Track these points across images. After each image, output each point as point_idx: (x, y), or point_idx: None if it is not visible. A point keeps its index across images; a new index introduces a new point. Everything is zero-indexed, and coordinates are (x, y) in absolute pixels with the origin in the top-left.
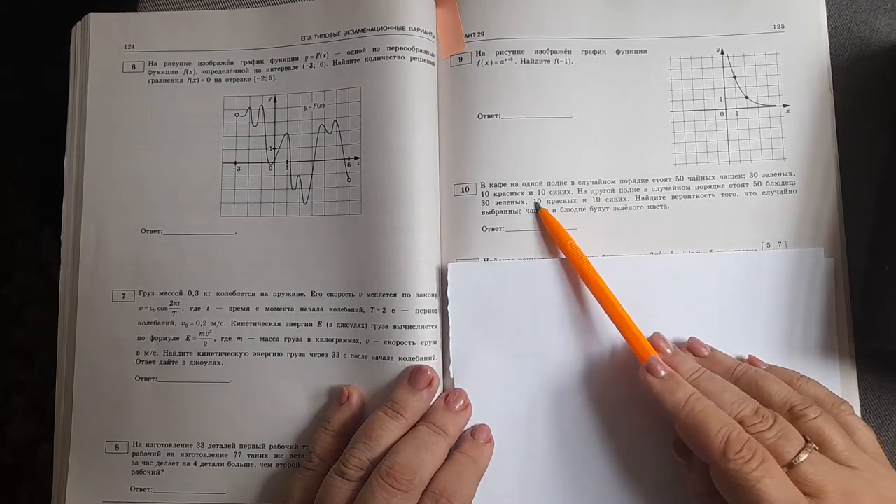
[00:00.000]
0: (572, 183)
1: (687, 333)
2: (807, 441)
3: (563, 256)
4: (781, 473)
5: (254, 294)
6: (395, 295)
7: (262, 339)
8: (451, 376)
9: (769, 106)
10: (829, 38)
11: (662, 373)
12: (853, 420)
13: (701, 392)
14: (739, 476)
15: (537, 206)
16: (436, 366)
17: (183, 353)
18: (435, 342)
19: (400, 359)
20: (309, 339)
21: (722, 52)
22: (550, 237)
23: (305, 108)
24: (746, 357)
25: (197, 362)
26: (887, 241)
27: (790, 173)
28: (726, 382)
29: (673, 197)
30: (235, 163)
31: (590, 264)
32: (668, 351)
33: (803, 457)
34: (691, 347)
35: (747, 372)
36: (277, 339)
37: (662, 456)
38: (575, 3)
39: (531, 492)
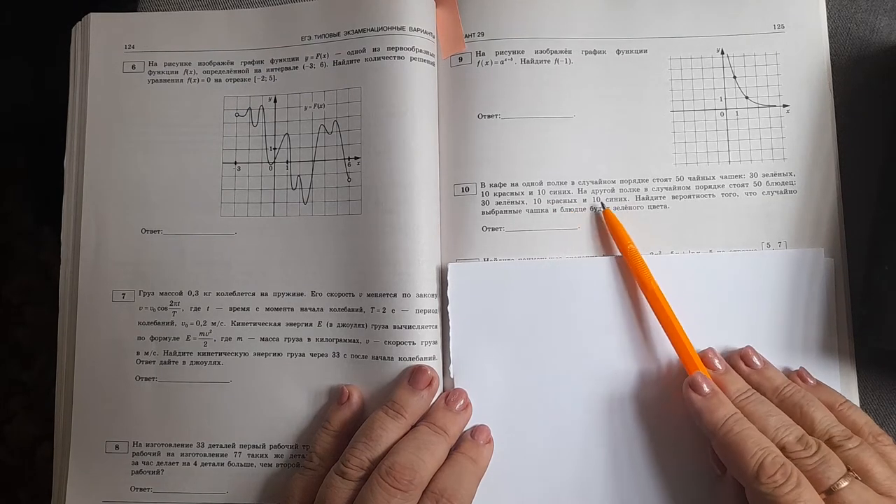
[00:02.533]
0: (572, 183)
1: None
2: (848, 470)
3: (563, 257)
4: (817, 498)
5: (254, 294)
6: (395, 295)
7: (262, 340)
8: (451, 376)
9: (769, 106)
10: (829, 38)
11: (706, 389)
12: (892, 451)
13: (746, 414)
14: (772, 499)
15: (602, 206)
16: (436, 366)
17: (183, 353)
18: (435, 342)
19: (400, 359)
20: (309, 339)
21: (722, 52)
22: (552, 238)
23: (305, 108)
24: (797, 367)
25: (197, 362)
26: (887, 241)
27: (790, 173)
28: (773, 407)
29: (673, 197)
30: (235, 163)
31: (648, 270)
32: (720, 367)
33: (843, 483)
34: (744, 356)
35: (794, 394)
36: (277, 340)
37: (666, 458)
38: (575, 3)
39: (531, 493)
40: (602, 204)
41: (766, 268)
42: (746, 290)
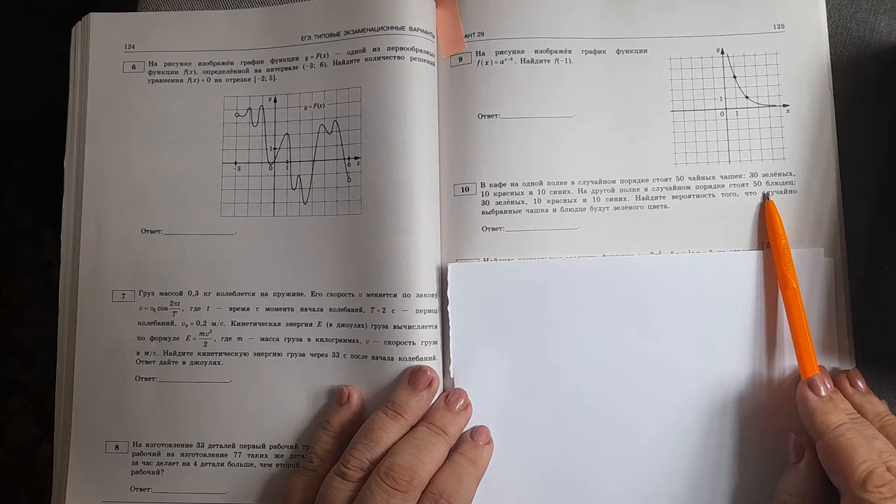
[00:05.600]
0: (572, 183)
1: (687, 333)
2: None
3: (563, 257)
4: None
5: (254, 294)
6: (395, 295)
7: (262, 339)
8: (451, 376)
9: (769, 106)
10: (829, 38)
11: (823, 392)
12: None
13: None
14: None
15: (766, 196)
16: (436, 366)
17: (183, 353)
18: (435, 342)
19: (400, 359)
20: (309, 340)
21: (722, 52)
22: (552, 238)
23: (305, 108)
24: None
25: (197, 362)
26: (887, 241)
27: (790, 173)
28: (878, 432)
29: (673, 197)
30: (235, 163)
31: (793, 268)
32: (829, 386)
33: None
34: (850, 377)
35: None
36: (277, 339)
37: (667, 463)
38: (575, 3)
39: (531, 493)
40: (766, 195)
41: (767, 268)
42: (747, 290)
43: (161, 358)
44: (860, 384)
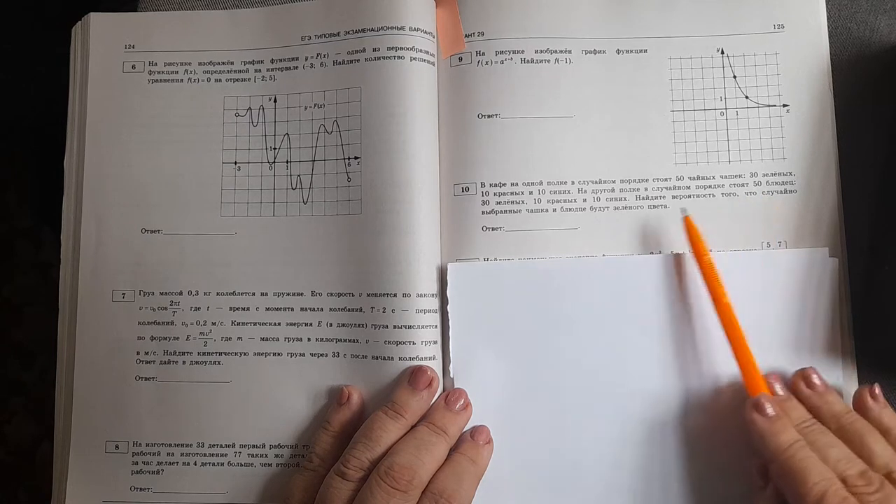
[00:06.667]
0: (572, 183)
1: (687, 333)
2: None
3: (563, 257)
4: None
5: (254, 294)
6: (395, 295)
7: (262, 339)
8: (451, 376)
9: (769, 106)
10: (829, 38)
11: (770, 412)
12: None
13: (807, 443)
14: None
15: (684, 212)
16: (436, 366)
17: (183, 353)
18: (435, 342)
19: (400, 359)
20: (309, 339)
21: (722, 52)
22: (552, 238)
23: (305, 108)
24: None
25: (197, 362)
26: (888, 241)
27: (790, 173)
28: (834, 438)
29: (673, 197)
30: (235, 163)
31: (721, 284)
32: (781, 394)
33: None
34: (806, 377)
35: (855, 423)
36: (277, 339)
37: (669, 464)
38: (575, 3)
39: (531, 493)
40: (683, 210)
41: (771, 268)
42: (749, 290)
43: (161, 358)
44: (817, 382)
